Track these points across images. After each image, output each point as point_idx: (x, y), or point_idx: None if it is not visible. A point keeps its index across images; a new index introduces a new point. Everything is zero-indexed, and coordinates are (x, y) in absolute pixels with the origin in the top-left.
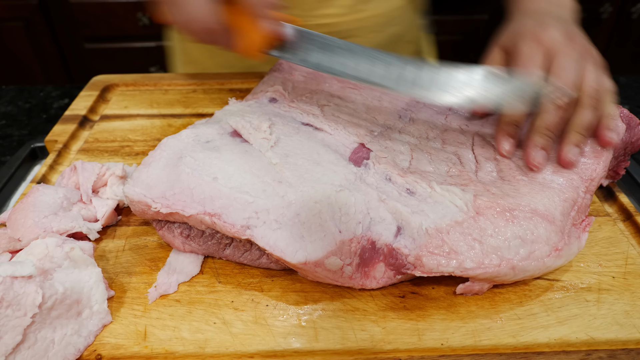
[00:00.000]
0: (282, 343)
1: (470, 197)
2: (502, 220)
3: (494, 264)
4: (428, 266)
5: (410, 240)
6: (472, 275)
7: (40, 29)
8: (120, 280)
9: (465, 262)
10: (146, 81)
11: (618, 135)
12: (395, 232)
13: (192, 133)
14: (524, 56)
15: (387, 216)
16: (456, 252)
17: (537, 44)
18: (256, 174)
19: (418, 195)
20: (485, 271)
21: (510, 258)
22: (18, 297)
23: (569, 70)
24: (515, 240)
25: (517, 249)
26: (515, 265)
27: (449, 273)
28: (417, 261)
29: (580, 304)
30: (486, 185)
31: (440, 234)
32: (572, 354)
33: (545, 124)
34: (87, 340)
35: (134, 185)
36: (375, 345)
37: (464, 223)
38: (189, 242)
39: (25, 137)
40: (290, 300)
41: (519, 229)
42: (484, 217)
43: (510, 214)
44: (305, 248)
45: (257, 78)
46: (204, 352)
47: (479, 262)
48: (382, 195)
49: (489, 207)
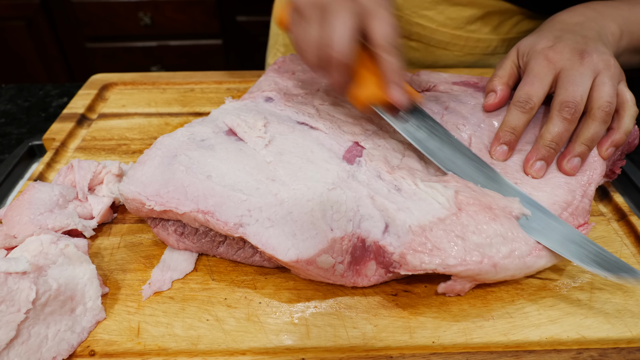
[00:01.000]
0: (274, 340)
1: (452, 193)
2: (483, 217)
3: (476, 261)
4: (412, 264)
5: (395, 237)
6: (455, 273)
7: (42, 28)
8: (114, 277)
9: (448, 259)
10: (144, 80)
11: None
12: (383, 229)
13: (187, 132)
14: (533, 74)
15: (375, 213)
16: (439, 249)
17: (546, 62)
18: (250, 172)
19: (404, 192)
20: (467, 268)
21: (491, 255)
22: (12, 293)
23: (575, 84)
24: (497, 237)
25: (499, 247)
26: (497, 263)
27: (432, 270)
28: (401, 259)
29: (572, 303)
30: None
31: (424, 232)
32: (563, 353)
33: (552, 135)
34: (81, 337)
35: (128, 183)
36: (367, 342)
37: (446, 220)
38: (183, 240)
39: (24, 135)
40: (282, 297)
41: (500, 227)
42: (465, 213)
43: (491, 211)
44: (297, 246)
45: (254, 77)
46: (197, 348)
47: (461, 258)
48: (372, 192)
49: (470, 203)
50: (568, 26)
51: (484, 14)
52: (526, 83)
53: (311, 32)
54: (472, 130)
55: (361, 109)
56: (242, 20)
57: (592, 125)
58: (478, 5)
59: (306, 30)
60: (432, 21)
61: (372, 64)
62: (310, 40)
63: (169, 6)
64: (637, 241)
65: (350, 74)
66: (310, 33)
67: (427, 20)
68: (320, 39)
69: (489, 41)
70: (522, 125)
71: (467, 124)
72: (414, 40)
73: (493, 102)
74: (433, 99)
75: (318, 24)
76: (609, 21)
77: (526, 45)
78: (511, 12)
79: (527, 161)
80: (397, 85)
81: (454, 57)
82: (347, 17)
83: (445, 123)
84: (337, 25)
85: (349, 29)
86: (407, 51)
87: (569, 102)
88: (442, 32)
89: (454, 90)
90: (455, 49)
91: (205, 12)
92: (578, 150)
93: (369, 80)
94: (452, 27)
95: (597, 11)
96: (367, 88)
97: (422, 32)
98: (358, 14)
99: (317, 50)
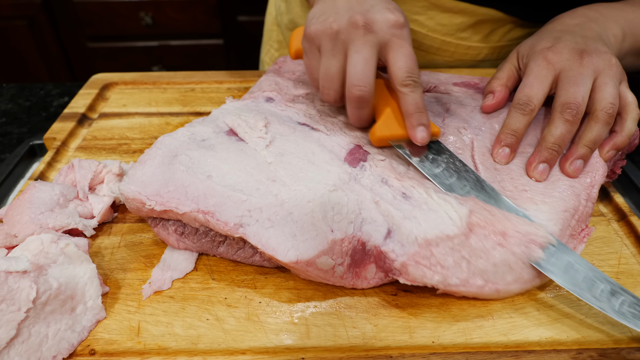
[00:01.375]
0: (274, 340)
1: (466, 212)
2: (493, 243)
3: (479, 285)
4: (413, 275)
5: (399, 245)
6: (455, 292)
7: (43, 27)
8: (115, 277)
9: (450, 279)
10: (145, 80)
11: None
12: (385, 234)
13: (187, 131)
14: (532, 75)
15: (379, 218)
16: (443, 267)
17: (545, 62)
18: (250, 173)
19: (413, 200)
20: (469, 290)
21: (495, 281)
22: (12, 292)
23: (576, 85)
24: (504, 267)
25: (504, 275)
26: (500, 289)
27: (432, 285)
28: (403, 268)
29: (572, 303)
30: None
31: (429, 246)
32: (562, 353)
33: (554, 137)
34: (81, 336)
35: (129, 182)
36: (367, 342)
37: (454, 239)
38: (183, 240)
39: (25, 135)
40: (283, 297)
41: (510, 256)
42: (476, 236)
43: (504, 238)
44: (297, 247)
45: (255, 77)
46: (197, 347)
47: (463, 280)
48: (376, 197)
49: (482, 225)
50: (568, 27)
51: (475, 22)
52: (526, 85)
53: (328, 65)
54: (474, 134)
55: (378, 144)
56: (243, 20)
57: (595, 127)
58: (469, 14)
59: (322, 63)
60: (423, 26)
61: (392, 97)
62: (329, 75)
63: (170, 6)
64: (637, 241)
65: (371, 110)
66: (328, 67)
67: (418, 25)
68: (339, 74)
69: (479, 49)
70: (523, 127)
71: (469, 127)
72: None
73: (491, 103)
74: (434, 100)
75: (333, 57)
76: (611, 23)
77: (526, 46)
78: (503, 21)
79: (530, 164)
80: (421, 124)
81: (443, 63)
82: (367, 51)
83: (447, 126)
84: (358, 61)
85: (370, 64)
86: None
87: (570, 103)
88: (432, 38)
89: (455, 91)
90: (446, 55)
91: (206, 12)
92: (581, 152)
93: (389, 116)
94: (442, 34)
95: (599, 12)
96: (387, 125)
97: (412, 37)
98: (377, 46)
99: (338, 86)
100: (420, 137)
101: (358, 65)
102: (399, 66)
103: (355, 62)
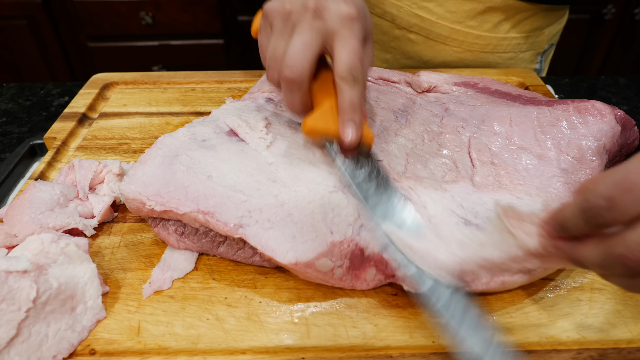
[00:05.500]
0: (274, 339)
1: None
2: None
3: (483, 282)
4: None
5: (399, 254)
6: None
7: (44, 27)
8: (115, 276)
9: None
10: (145, 79)
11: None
12: (385, 244)
13: (188, 132)
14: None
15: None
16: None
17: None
18: (251, 173)
19: (412, 202)
20: (475, 289)
21: (500, 274)
22: (12, 291)
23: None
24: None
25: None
26: (506, 281)
27: None
28: (405, 277)
29: (572, 303)
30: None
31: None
32: (563, 353)
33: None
34: (81, 335)
35: (129, 182)
36: (367, 342)
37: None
38: (183, 240)
39: (25, 135)
40: (283, 297)
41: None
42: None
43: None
44: (297, 248)
45: (255, 77)
46: (197, 347)
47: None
48: None
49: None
50: None
51: (485, 9)
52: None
53: (275, 45)
54: (471, 132)
55: (310, 138)
56: (243, 20)
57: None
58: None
59: (271, 42)
60: (432, 13)
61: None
62: (274, 55)
63: (171, 6)
64: None
65: (306, 98)
66: (275, 47)
67: (427, 12)
68: (277, 53)
69: (488, 39)
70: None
71: (467, 126)
72: (413, 33)
73: None
74: (433, 100)
75: (281, 37)
76: None
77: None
78: (513, 10)
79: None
80: (351, 122)
81: (452, 53)
82: (310, 35)
83: (445, 126)
84: (297, 43)
85: (309, 48)
86: (407, 44)
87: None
88: (441, 26)
89: (455, 91)
90: (454, 44)
91: (207, 11)
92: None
93: (326, 109)
94: (451, 21)
95: None
96: (322, 118)
97: (421, 25)
98: (323, 34)
99: (273, 64)
100: (348, 135)
101: (295, 47)
102: (341, 59)
103: (294, 43)
